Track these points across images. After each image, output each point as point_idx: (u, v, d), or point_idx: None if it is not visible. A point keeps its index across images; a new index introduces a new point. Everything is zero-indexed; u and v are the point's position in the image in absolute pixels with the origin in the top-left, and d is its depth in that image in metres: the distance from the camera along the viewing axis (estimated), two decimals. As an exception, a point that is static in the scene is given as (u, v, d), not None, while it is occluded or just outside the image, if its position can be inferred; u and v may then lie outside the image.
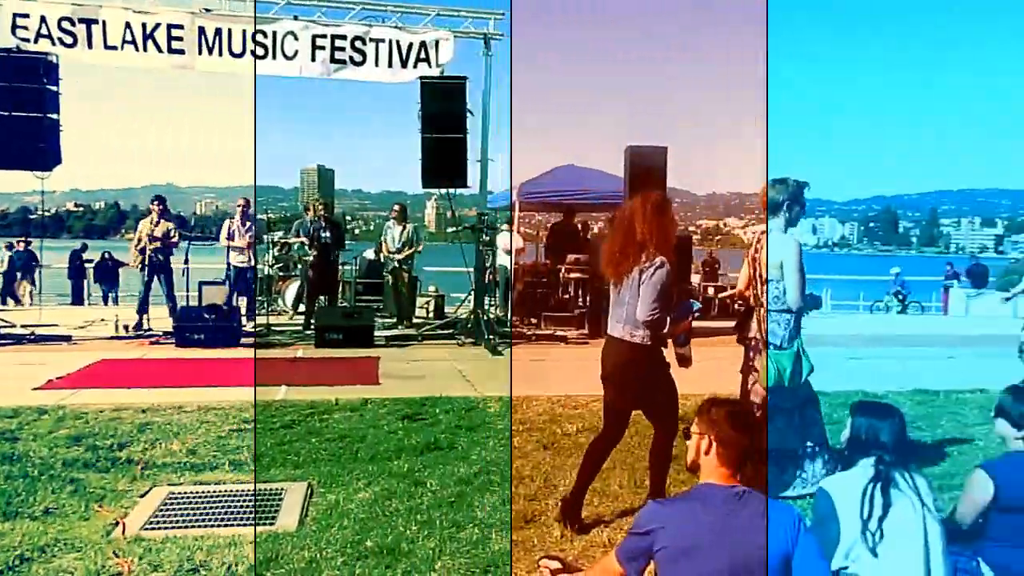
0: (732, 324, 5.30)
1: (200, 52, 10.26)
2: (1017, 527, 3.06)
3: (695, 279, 16.21)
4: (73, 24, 9.88)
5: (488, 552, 3.65)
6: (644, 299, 3.99)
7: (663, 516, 2.49)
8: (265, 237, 13.28)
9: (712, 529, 2.43)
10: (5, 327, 10.26)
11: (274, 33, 10.39)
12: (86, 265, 18.04)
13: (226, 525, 4.02)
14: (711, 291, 16.89)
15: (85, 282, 17.82)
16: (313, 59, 10.56)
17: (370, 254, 14.11)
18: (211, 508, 4.29)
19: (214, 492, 4.54)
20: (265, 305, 12.61)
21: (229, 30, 10.25)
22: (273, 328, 10.80)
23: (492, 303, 14.10)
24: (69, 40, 9.92)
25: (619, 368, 4.19)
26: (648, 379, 4.15)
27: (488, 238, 11.30)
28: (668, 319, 4.07)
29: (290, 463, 5.02)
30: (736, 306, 6.89)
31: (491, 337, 10.07)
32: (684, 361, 4.35)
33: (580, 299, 12.83)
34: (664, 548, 2.43)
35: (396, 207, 12.44)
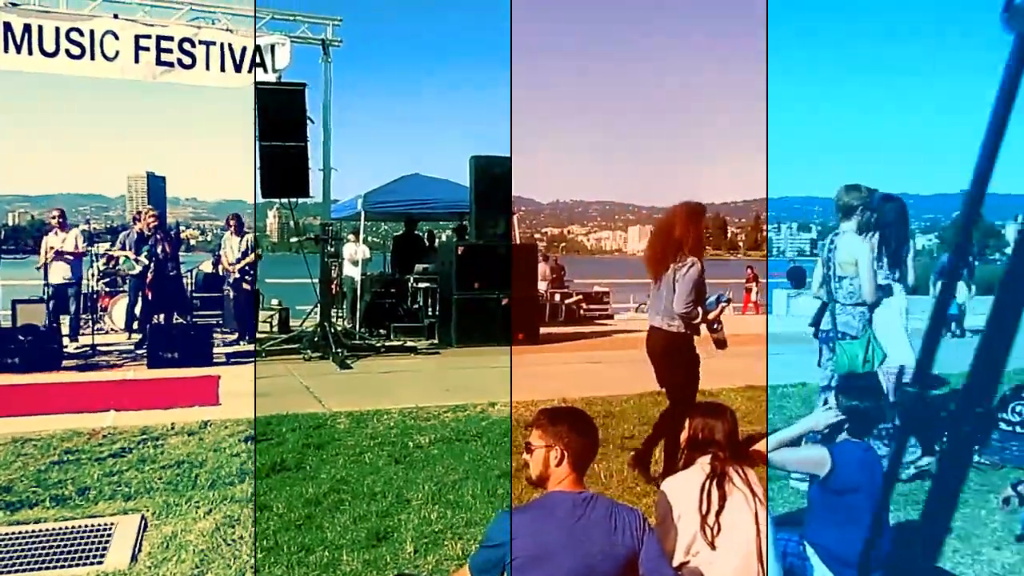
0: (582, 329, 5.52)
1: (6, 50, 9.41)
2: (840, 508, 3.32)
3: (542, 286, 16.54)
4: None
5: (339, 574, 3.55)
6: (680, 294, 4.73)
7: (515, 526, 2.51)
8: (89, 250, 12.35)
9: (562, 535, 2.47)
10: None
11: (92, 32, 9.69)
12: None
13: (48, 568, 3.69)
14: (557, 297, 17.35)
15: None
16: (137, 60, 9.95)
17: (207, 267, 13.45)
18: (31, 551, 3.91)
19: (34, 532, 4.14)
20: (90, 324, 11.70)
21: (40, 27, 9.47)
22: (99, 348, 10.05)
23: (339, 315, 13.82)
24: None
25: (657, 353, 4.99)
26: (678, 361, 4.92)
27: (333, 249, 11.04)
28: (700, 311, 4.82)
29: (120, 495, 4.67)
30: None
31: (338, 351, 9.83)
32: (721, 344, 5.10)
33: (429, 309, 12.79)
34: (516, 558, 2.44)
35: (232, 217, 11.93)
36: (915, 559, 3.64)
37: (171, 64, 10.13)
